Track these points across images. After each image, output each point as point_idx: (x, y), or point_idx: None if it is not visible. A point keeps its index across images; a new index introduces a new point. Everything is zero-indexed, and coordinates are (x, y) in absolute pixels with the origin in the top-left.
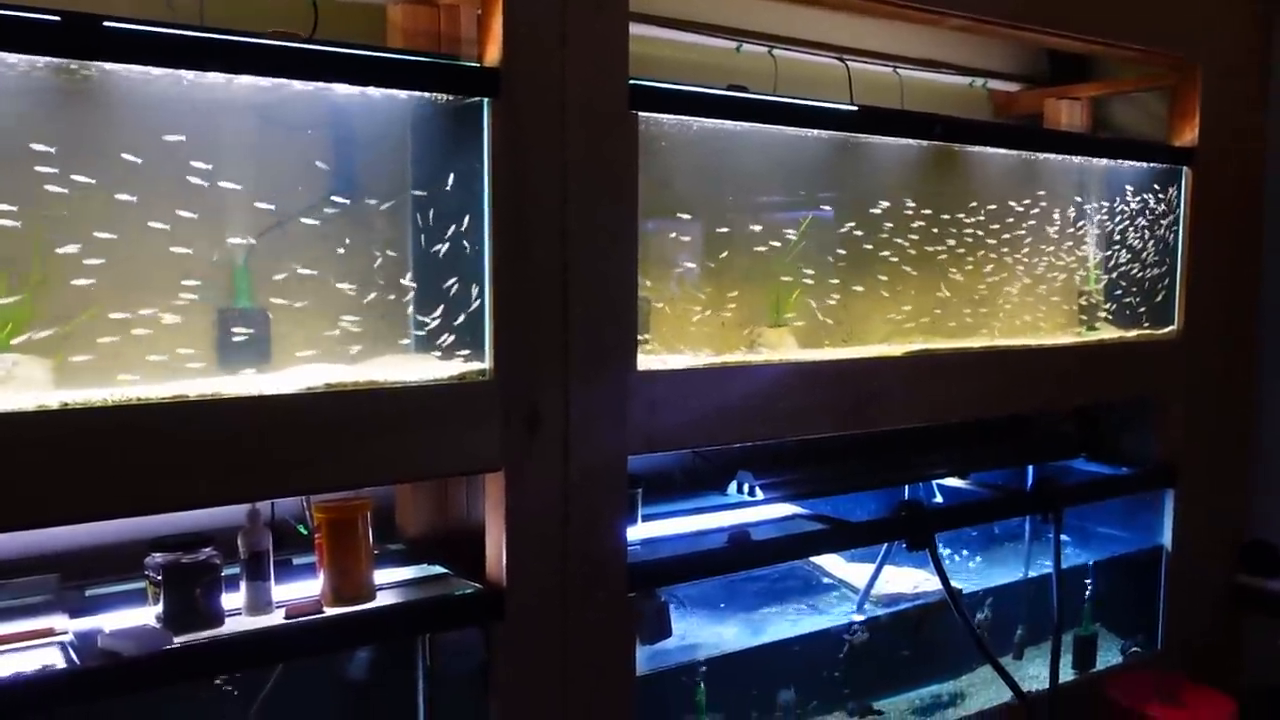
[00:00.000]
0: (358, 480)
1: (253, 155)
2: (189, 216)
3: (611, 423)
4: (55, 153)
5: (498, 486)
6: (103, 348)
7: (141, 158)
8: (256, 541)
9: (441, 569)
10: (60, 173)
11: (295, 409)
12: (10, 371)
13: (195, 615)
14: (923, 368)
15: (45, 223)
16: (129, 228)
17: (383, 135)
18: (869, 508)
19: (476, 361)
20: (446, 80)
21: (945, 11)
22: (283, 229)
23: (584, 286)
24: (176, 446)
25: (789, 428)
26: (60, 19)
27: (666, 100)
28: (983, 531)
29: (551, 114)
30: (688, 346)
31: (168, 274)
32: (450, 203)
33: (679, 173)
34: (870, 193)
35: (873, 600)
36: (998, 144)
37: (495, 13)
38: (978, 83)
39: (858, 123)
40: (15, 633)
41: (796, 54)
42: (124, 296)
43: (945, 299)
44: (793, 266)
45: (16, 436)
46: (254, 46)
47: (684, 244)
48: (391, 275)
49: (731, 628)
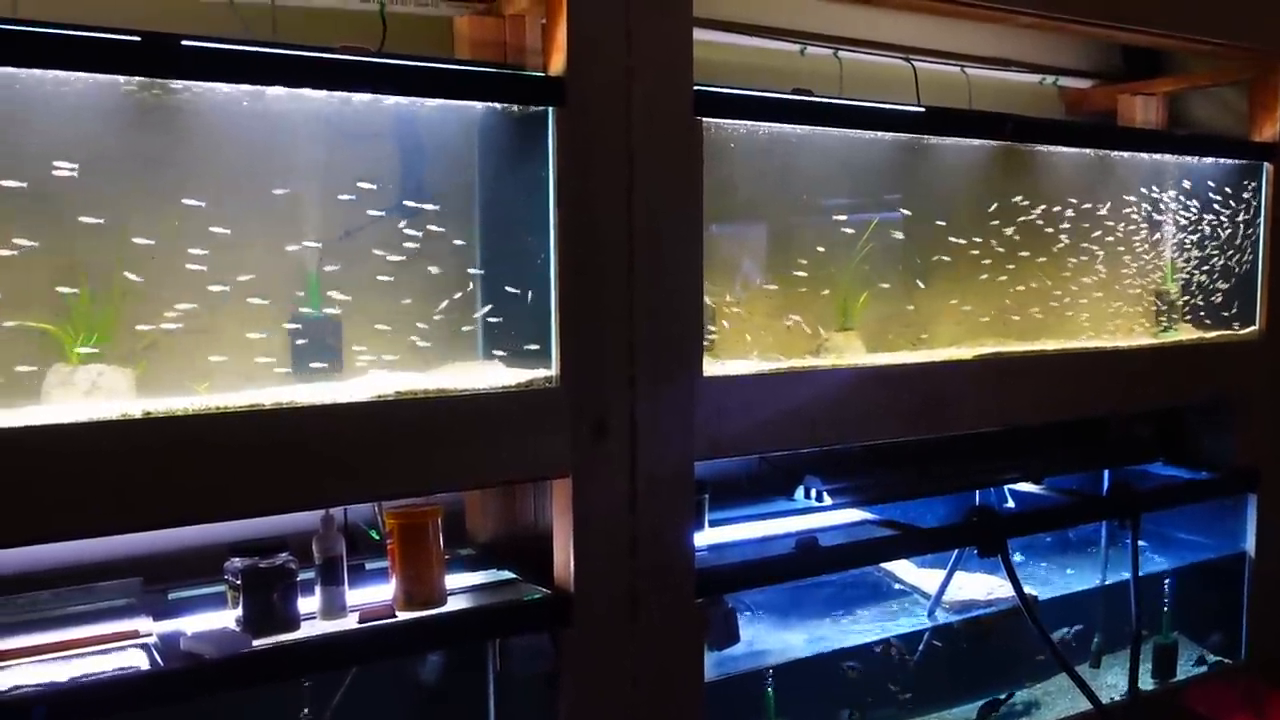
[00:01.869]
0: (429, 486)
1: (323, 167)
2: (262, 227)
3: (678, 428)
4: (133, 167)
5: (565, 492)
6: (181, 358)
7: (217, 171)
8: (331, 547)
9: (510, 574)
10: (139, 186)
11: (368, 416)
12: (96, 382)
13: (273, 619)
14: (994, 371)
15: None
16: (205, 239)
17: (450, 145)
18: (938, 513)
19: (543, 368)
20: (513, 90)
21: (1015, 9)
22: (353, 239)
23: (650, 292)
24: (253, 454)
25: (857, 432)
26: (141, 39)
27: (731, 105)
28: (1057, 538)
29: (617, 121)
30: (753, 351)
31: (241, 284)
32: (517, 211)
33: (743, 177)
34: (939, 195)
35: (944, 606)
36: (1070, 143)
37: (560, 22)
38: (1048, 80)
39: (926, 124)
40: (102, 635)
41: (861, 55)
42: (200, 307)
43: (1016, 301)
44: (860, 270)
45: (102, 444)
46: (325, 62)
47: (749, 248)
48: (459, 283)
49: (800, 634)
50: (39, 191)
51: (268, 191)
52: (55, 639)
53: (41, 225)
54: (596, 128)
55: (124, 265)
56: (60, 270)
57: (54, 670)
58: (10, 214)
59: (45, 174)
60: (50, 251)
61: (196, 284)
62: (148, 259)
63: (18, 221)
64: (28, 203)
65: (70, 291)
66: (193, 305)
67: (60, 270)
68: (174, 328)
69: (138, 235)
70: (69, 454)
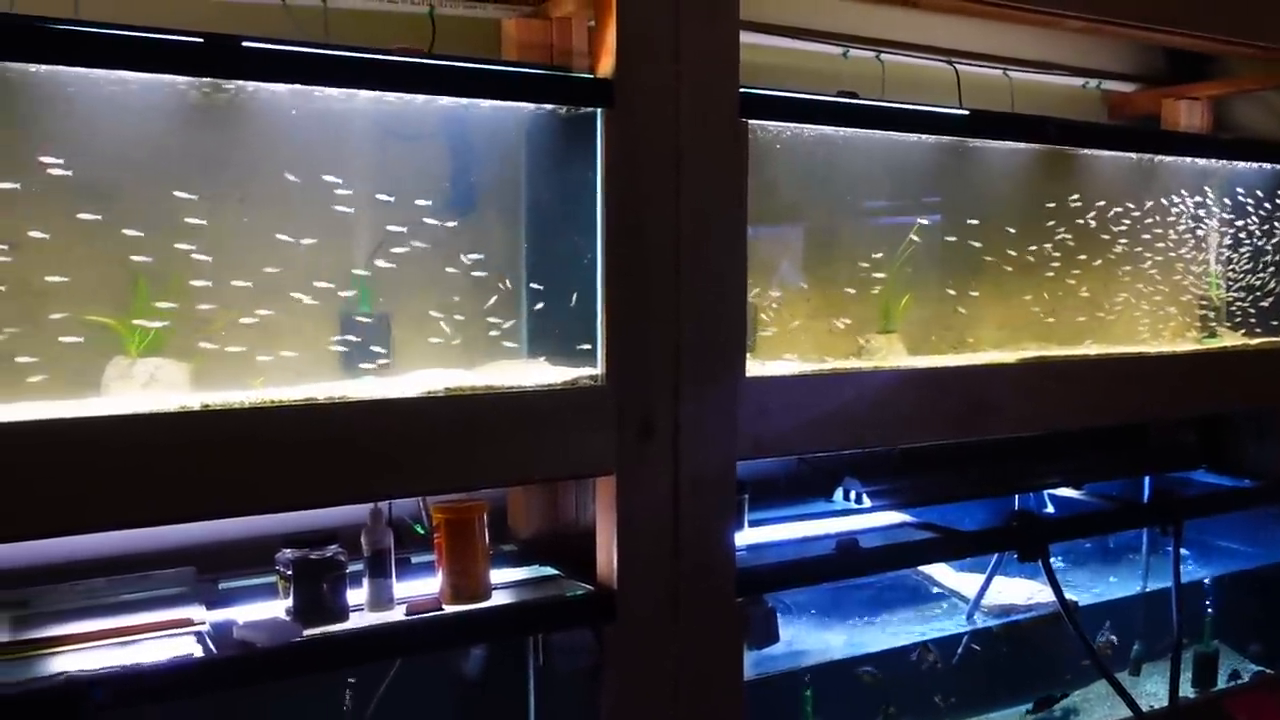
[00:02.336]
0: (476, 482)
1: (374, 166)
2: (313, 225)
3: (721, 428)
4: (192, 166)
5: (609, 491)
6: (236, 353)
7: (269, 169)
8: (379, 540)
9: (553, 570)
10: (196, 185)
11: (417, 412)
12: (154, 375)
13: (323, 609)
14: (1036, 375)
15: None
16: (258, 237)
17: (498, 146)
18: (977, 517)
19: (589, 367)
20: (563, 92)
21: (1062, 13)
22: (402, 237)
23: (695, 293)
24: (305, 447)
25: (898, 435)
26: (203, 40)
27: (777, 107)
28: (1097, 544)
29: (664, 123)
30: (796, 353)
31: (294, 281)
32: (563, 211)
33: (787, 179)
34: (981, 197)
35: (983, 610)
36: (1113, 146)
37: (609, 24)
38: (1091, 84)
39: (969, 127)
40: (156, 622)
41: (904, 58)
42: (255, 303)
43: (1059, 305)
44: (902, 272)
45: (160, 436)
46: (381, 63)
47: (792, 250)
48: (506, 282)
49: (839, 635)
50: (97, 188)
51: (318, 190)
52: (111, 625)
53: (99, 222)
54: (644, 129)
55: (180, 261)
56: (119, 266)
57: (110, 656)
58: (69, 210)
59: (103, 171)
60: (108, 248)
61: (250, 280)
62: (203, 255)
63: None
64: (86, 199)
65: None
66: (247, 301)
67: (119, 266)
68: (229, 322)
69: (193, 232)
70: (128, 445)
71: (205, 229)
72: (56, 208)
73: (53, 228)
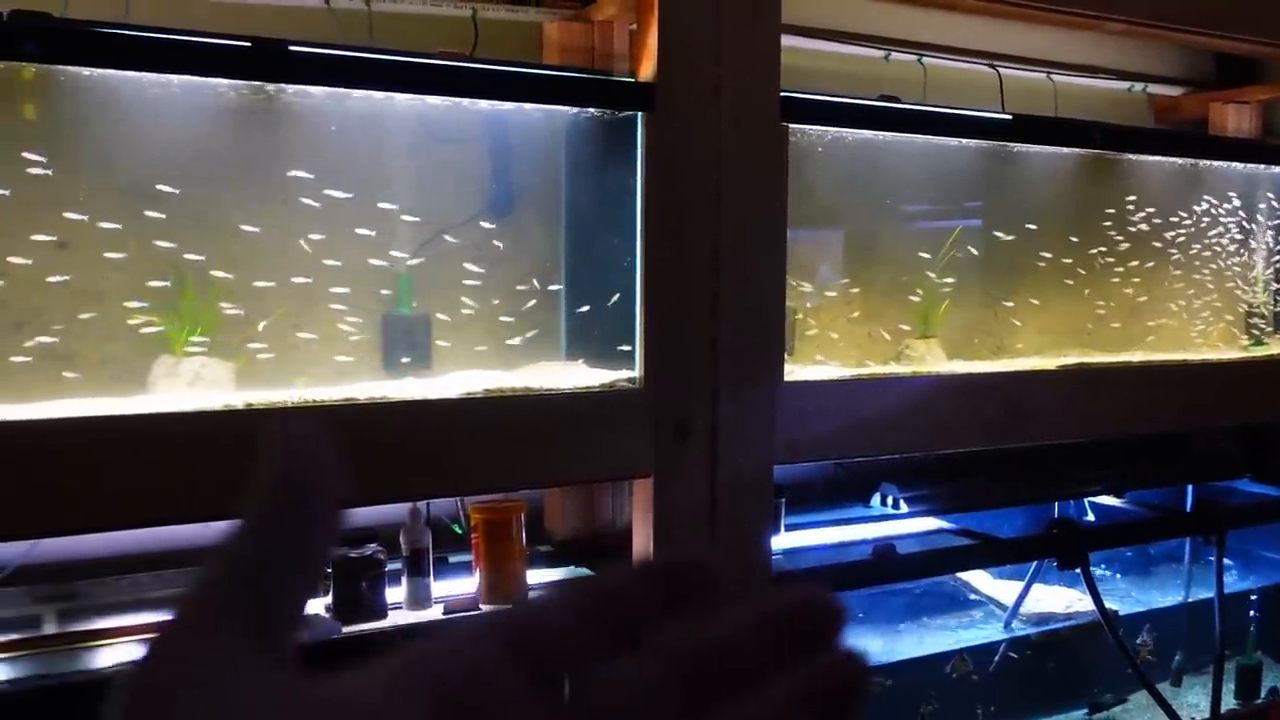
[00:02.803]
0: (514, 482)
1: (414, 168)
2: (355, 226)
3: (759, 431)
4: (236, 168)
5: (646, 493)
6: (279, 352)
7: (310, 171)
8: (418, 539)
9: (589, 571)
10: (241, 186)
11: (457, 413)
12: (199, 373)
13: (361, 607)
14: (1077, 381)
15: (228, 232)
16: (300, 237)
17: (538, 149)
18: (1016, 524)
19: (626, 369)
20: (604, 95)
21: (1105, 16)
22: (441, 239)
23: (733, 297)
24: (348, 446)
25: (937, 440)
26: (251, 44)
27: (818, 112)
28: (1138, 553)
29: (705, 127)
30: (833, 357)
31: (336, 281)
32: (602, 214)
33: (827, 182)
34: (1022, 202)
35: (1021, 618)
36: (1159, 151)
37: (650, 28)
38: (1137, 87)
39: (1013, 132)
40: None
41: (946, 61)
42: (297, 302)
43: (1101, 311)
44: (941, 277)
45: (205, 433)
46: (425, 67)
47: (829, 254)
48: (544, 284)
49: (874, 641)
50: (142, 189)
51: (359, 193)
52: (158, 619)
53: (145, 222)
54: (684, 133)
55: (226, 262)
56: (166, 266)
57: None
58: (116, 210)
59: (150, 173)
60: (154, 247)
61: (294, 281)
62: (248, 256)
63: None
64: (133, 200)
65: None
66: (289, 300)
67: (166, 266)
68: (272, 322)
69: (238, 233)
70: (174, 442)
71: (250, 229)
72: (103, 207)
73: (99, 227)
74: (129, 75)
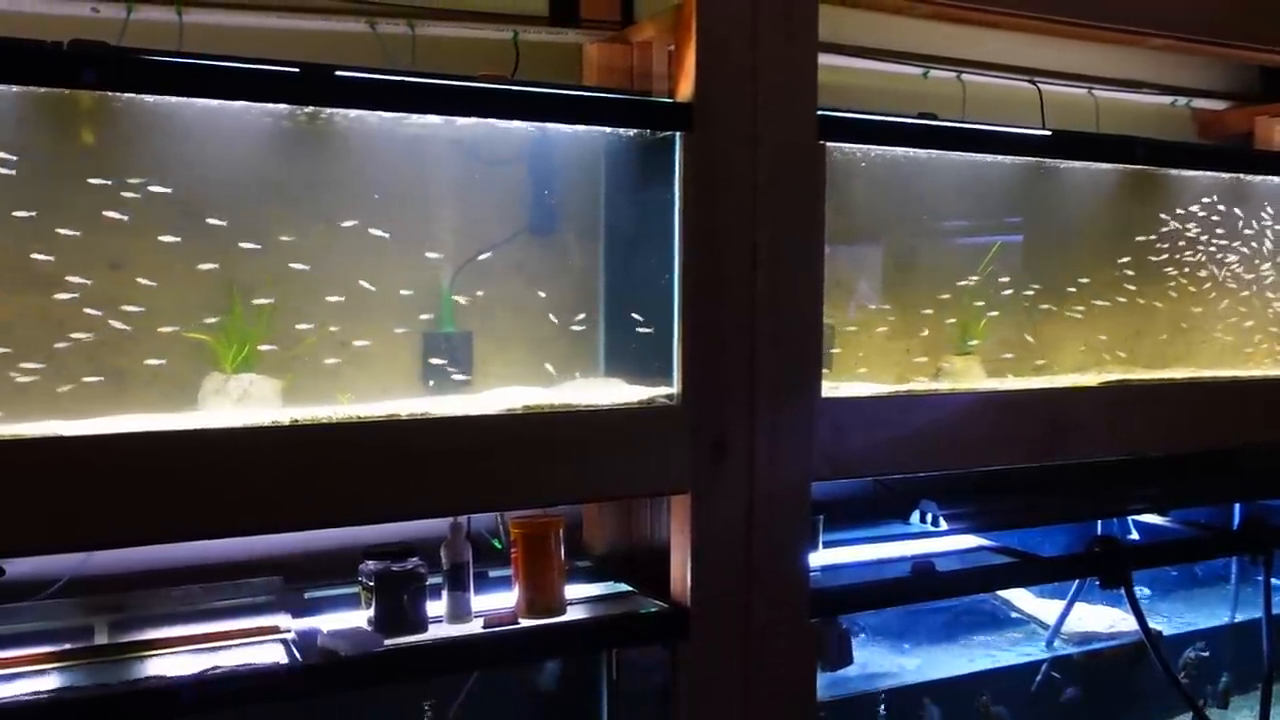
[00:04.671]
0: (554, 498)
1: (456, 189)
2: (399, 247)
3: (796, 448)
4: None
5: (684, 509)
6: (323, 369)
7: (357, 193)
8: (458, 553)
9: (627, 586)
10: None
11: (497, 429)
12: (247, 390)
13: (403, 620)
14: (1120, 398)
15: (276, 254)
16: (347, 257)
17: (577, 169)
18: (1058, 542)
19: (664, 386)
20: (643, 116)
21: (1147, 31)
22: (483, 259)
23: (771, 314)
24: (390, 462)
25: (978, 458)
26: (299, 70)
27: (855, 130)
28: (1183, 572)
29: (742, 146)
30: (872, 374)
31: (379, 300)
32: (642, 233)
33: (865, 199)
34: (1063, 218)
35: (1063, 637)
36: (1203, 166)
37: (688, 48)
38: (1180, 102)
39: (1053, 148)
40: (246, 629)
41: (985, 78)
42: (341, 321)
43: (1144, 327)
44: (981, 293)
45: (253, 449)
46: (469, 90)
47: (868, 271)
48: (583, 302)
49: (913, 659)
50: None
51: (403, 213)
52: (203, 631)
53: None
54: (722, 152)
55: (272, 281)
56: (215, 286)
57: (202, 660)
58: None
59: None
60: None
61: (338, 299)
62: (293, 275)
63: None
64: (182, 222)
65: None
66: (335, 319)
67: (215, 286)
68: (317, 340)
69: (284, 253)
70: (223, 457)
71: (296, 249)
72: (156, 229)
73: (152, 248)
74: (180, 101)
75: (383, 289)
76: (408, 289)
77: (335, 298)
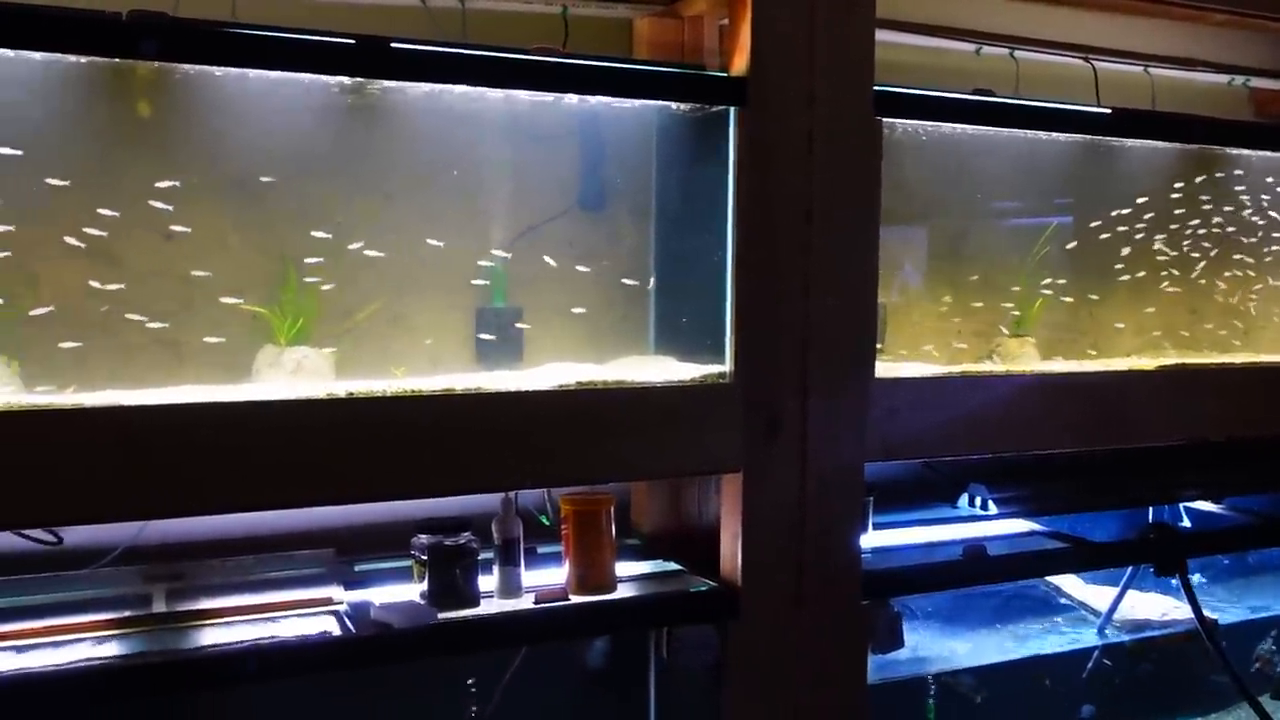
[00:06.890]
0: (605, 475)
1: (508, 164)
2: (451, 222)
3: (849, 429)
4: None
5: (736, 488)
6: (377, 343)
7: (411, 168)
8: (510, 529)
9: (676, 565)
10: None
11: (550, 404)
12: (301, 363)
13: (456, 594)
14: (1176, 383)
15: (328, 226)
16: (400, 231)
17: (628, 145)
18: (1108, 528)
19: (716, 364)
20: (698, 90)
21: (1208, 6)
22: (535, 234)
23: (825, 292)
24: (444, 436)
25: (1030, 441)
26: (354, 41)
27: (911, 106)
28: (1235, 560)
29: (798, 122)
30: (925, 355)
31: (432, 274)
32: (693, 209)
33: (917, 178)
34: (1119, 199)
35: (1115, 625)
36: (1262, 146)
37: (744, 23)
38: (1237, 80)
39: (1111, 126)
40: (300, 600)
41: (1038, 55)
42: (395, 295)
43: (1202, 310)
44: (1036, 275)
45: (308, 421)
46: (523, 63)
47: (922, 250)
48: (635, 278)
49: (964, 643)
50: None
51: (457, 188)
52: (257, 601)
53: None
54: (777, 127)
55: (327, 254)
56: (269, 258)
57: (256, 630)
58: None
59: (254, 167)
60: (258, 241)
61: (392, 275)
62: (348, 250)
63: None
64: (237, 194)
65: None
66: (388, 292)
67: (269, 258)
68: (371, 316)
69: (338, 227)
70: (277, 430)
71: (350, 224)
72: (207, 202)
73: (204, 221)
74: (235, 72)
75: (434, 264)
76: (459, 264)
77: (388, 272)
